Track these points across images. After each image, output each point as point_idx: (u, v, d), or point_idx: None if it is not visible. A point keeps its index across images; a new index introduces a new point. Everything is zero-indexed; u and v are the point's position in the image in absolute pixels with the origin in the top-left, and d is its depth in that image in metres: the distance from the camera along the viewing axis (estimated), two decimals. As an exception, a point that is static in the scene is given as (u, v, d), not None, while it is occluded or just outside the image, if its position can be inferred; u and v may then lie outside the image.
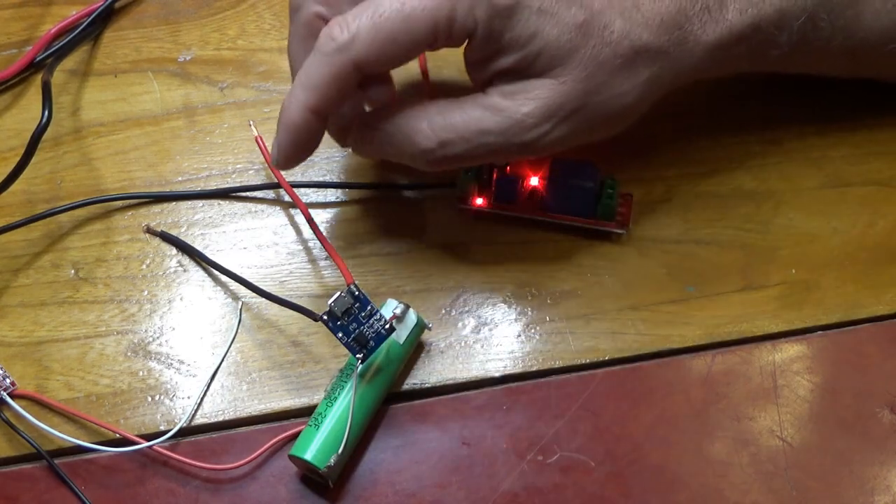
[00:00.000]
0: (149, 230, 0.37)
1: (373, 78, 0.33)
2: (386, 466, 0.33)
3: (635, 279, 0.37)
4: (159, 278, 0.37)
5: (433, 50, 0.32)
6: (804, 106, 0.43)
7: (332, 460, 0.30)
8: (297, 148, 0.33)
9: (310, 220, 0.35)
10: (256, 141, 0.37)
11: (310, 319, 0.36)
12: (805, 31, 0.35)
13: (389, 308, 0.33)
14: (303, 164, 0.40)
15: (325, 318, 0.32)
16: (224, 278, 0.36)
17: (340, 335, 0.32)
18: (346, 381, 0.32)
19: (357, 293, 0.32)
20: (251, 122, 0.37)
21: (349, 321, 0.32)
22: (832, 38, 0.35)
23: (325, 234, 0.37)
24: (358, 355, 0.32)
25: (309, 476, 0.32)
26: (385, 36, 0.31)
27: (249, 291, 0.35)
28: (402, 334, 0.33)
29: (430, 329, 0.35)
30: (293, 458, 0.31)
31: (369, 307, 0.32)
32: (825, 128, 0.42)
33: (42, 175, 0.40)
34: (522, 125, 0.32)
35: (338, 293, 0.32)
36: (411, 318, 0.33)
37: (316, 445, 0.31)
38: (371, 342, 0.32)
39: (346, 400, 0.31)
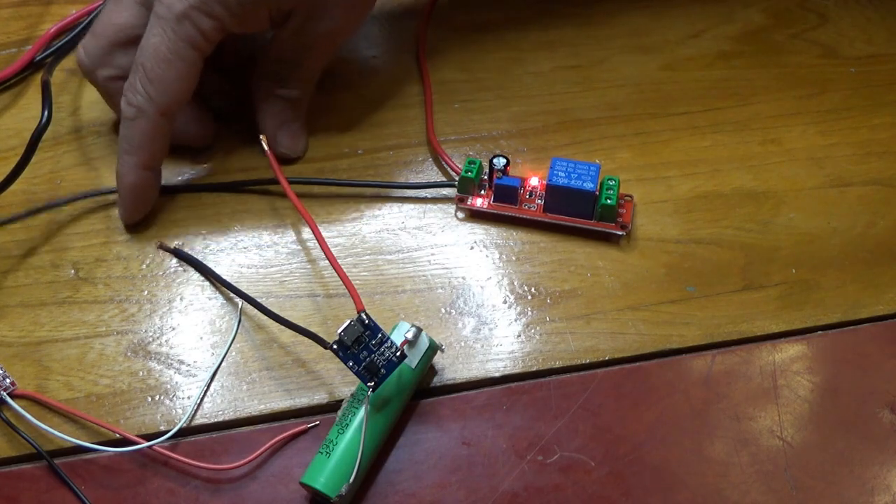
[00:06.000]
0: (162, 246, 0.37)
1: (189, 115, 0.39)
2: (386, 466, 0.33)
3: (635, 279, 0.37)
4: (159, 278, 0.37)
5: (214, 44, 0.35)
6: (804, 106, 0.43)
7: (343, 489, 0.30)
8: (141, 203, 0.37)
9: (318, 234, 0.35)
10: (268, 156, 0.37)
11: (311, 319, 0.36)
12: None
13: (401, 332, 0.33)
14: (303, 162, 0.40)
15: (336, 347, 0.31)
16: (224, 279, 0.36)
17: (351, 364, 0.31)
18: (357, 408, 0.32)
19: (367, 321, 0.31)
20: (262, 136, 0.37)
21: (360, 349, 0.31)
22: None
23: (323, 233, 0.37)
24: (369, 384, 0.31)
25: (319, 500, 0.32)
26: (170, 81, 0.34)
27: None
28: (413, 358, 0.33)
29: (443, 351, 0.34)
30: (304, 486, 0.31)
31: (380, 335, 0.31)
32: (826, 128, 0.42)
33: (42, 175, 0.40)
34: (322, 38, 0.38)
35: (348, 322, 0.31)
36: (423, 341, 0.33)
37: (327, 474, 0.30)
38: (382, 370, 0.31)
39: (357, 428, 0.31)
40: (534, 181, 0.39)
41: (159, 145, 0.36)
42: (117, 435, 0.32)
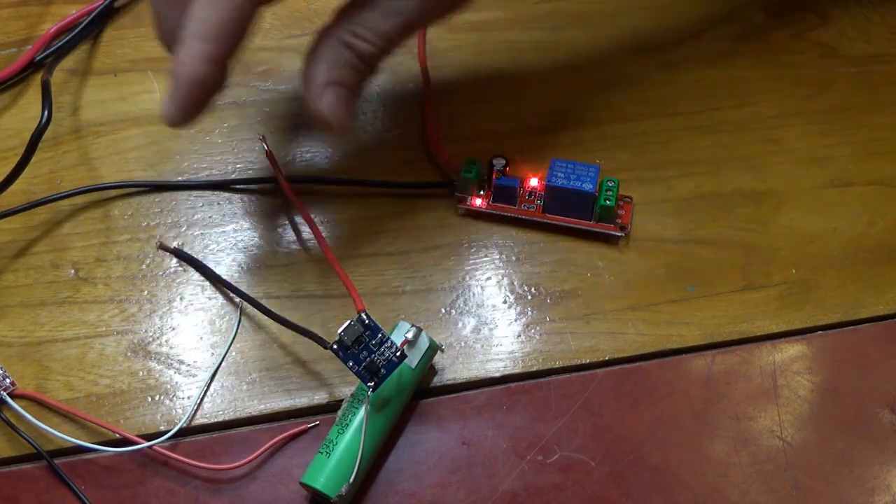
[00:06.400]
0: (162, 246, 0.37)
1: None
2: (386, 466, 0.33)
3: (635, 279, 0.37)
4: (159, 278, 0.37)
5: None
6: (804, 106, 0.43)
7: (343, 489, 0.30)
8: (199, 102, 0.30)
9: (318, 235, 0.35)
10: (267, 156, 0.37)
11: (311, 319, 0.36)
12: None
13: (401, 332, 0.33)
14: (303, 162, 0.40)
15: (336, 347, 0.31)
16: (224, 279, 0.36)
17: (351, 364, 0.31)
18: (357, 408, 0.32)
19: (367, 321, 0.31)
20: (260, 136, 0.37)
21: (360, 349, 0.31)
22: None
23: (323, 233, 0.37)
24: (369, 384, 0.31)
25: (319, 500, 0.32)
26: None
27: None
28: (413, 358, 0.33)
29: (443, 351, 0.34)
30: (304, 486, 0.31)
31: (380, 335, 0.31)
32: (826, 128, 0.42)
33: (42, 175, 0.40)
34: None
35: (348, 322, 0.31)
36: (423, 341, 0.33)
37: (327, 474, 0.30)
38: (382, 370, 0.31)
39: (357, 428, 0.31)
40: (533, 182, 0.39)
41: (239, 37, 0.30)
42: (117, 435, 0.32)
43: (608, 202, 0.37)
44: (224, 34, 0.29)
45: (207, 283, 0.37)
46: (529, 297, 0.36)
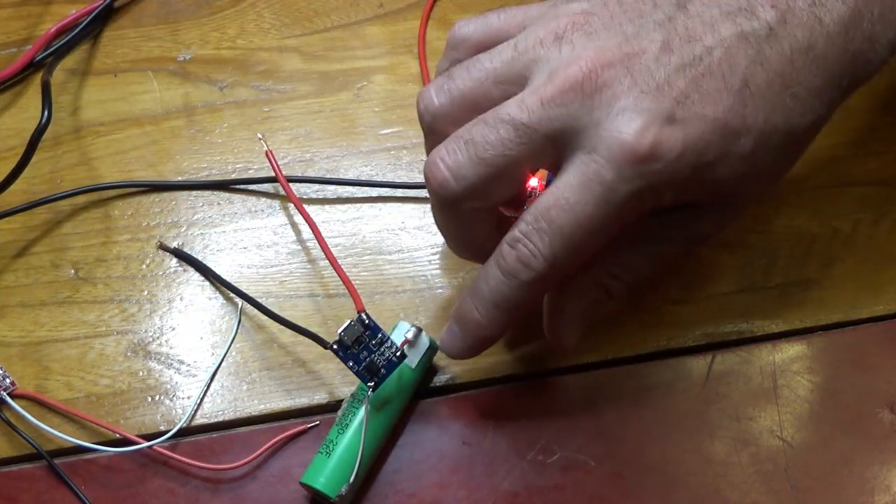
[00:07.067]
0: (162, 246, 0.37)
1: None
2: (386, 466, 0.33)
3: (635, 279, 0.37)
4: (159, 278, 0.37)
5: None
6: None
7: (343, 489, 0.30)
8: (482, 350, 0.32)
9: (317, 235, 0.35)
10: (267, 156, 0.37)
11: (311, 319, 0.36)
12: None
13: (401, 331, 0.33)
14: (302, 162, 0.40)
15: (336, 347, 0.31)
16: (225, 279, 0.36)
17: (351, 364, 0.31)
18: (357, 408, 0.32)
19: (367, 321, 0.31)
20: (261, 136, 0.37)
21: (360, 349, 0.31)
22: None
23: (323, 233, 0.37)
24: (369, 384, 0.31)
25: (319, 500, 0.32)
26: (578, 246, 0.28)
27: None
28: (414, 358, 0.33)
29: None
30: (304, 486, 0.31)
31: (380, 335, 0.31)
32: (826, 128, 0.42)
33: (42, 175, 0.40)
34: (703, 239, 0.32)
35: (348, 322, 0.31)
36: (424, 341, 0.33)
37: (327, 474, 0.30)
38: (382, 370, 0.31)
39: (357, 428, 0.31)
40: (533, 182, 0.38)
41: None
42: (117, 435, 0.32)
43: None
44: (524, 308, 0.30)
45: (207, 283, 0.37)
46: (529, 297, 0.36)
